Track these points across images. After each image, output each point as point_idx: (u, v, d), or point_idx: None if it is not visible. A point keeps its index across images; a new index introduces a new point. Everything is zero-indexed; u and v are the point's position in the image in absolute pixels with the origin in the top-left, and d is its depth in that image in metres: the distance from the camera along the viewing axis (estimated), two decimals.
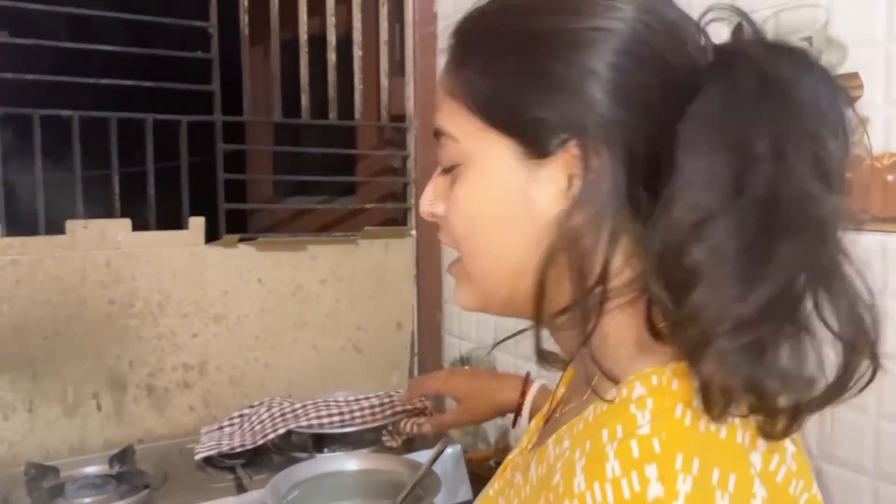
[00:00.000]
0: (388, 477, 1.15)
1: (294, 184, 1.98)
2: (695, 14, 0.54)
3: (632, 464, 0.44)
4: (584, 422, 0.52)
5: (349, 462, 1.17)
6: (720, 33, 0.54)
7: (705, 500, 0.42)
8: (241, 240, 1.57)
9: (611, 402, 0.49)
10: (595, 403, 0.51)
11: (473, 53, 0.55)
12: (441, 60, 1.70)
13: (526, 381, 1.13)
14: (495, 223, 0.55)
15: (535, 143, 0.52)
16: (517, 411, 1.11)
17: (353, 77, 1.69)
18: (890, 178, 0.83)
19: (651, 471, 0.43)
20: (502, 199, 0.54)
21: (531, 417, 1.04)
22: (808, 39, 0.91)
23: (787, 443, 0.49)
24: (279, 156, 1.99)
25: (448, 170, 0.57)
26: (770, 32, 0.89)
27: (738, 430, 0.46)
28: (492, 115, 0.53)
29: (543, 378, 1.12)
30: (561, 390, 0.70)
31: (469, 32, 0.56)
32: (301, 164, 1.97)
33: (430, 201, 0.60)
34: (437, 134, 0.57)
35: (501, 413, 1.16)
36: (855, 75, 0.86)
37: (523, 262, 0.54)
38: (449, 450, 1.35)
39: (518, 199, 0.53)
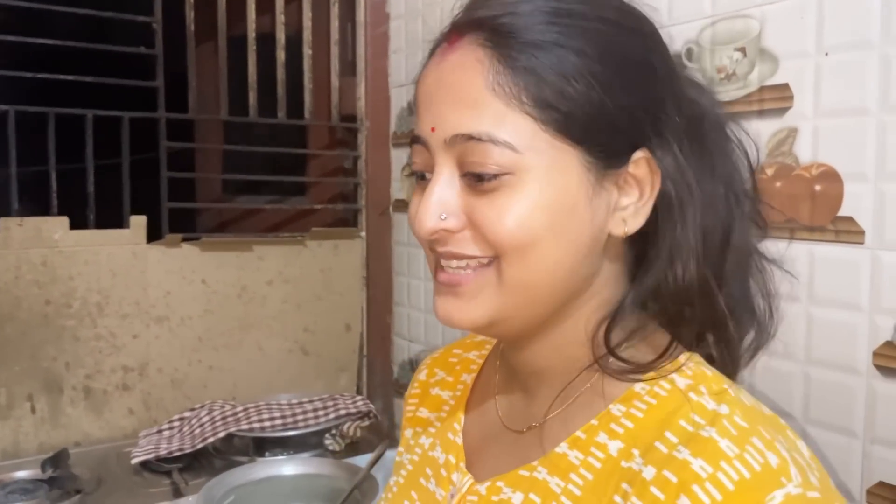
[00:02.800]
0: (327, 482, 1.14)
1: (244, 183, 1.95)
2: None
3: (739, 439, 0.48)
4: (628, 419, 0.53)
5: (287, 467, 1.15)
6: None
7: (794, 459, 0.48)
8: (185, 239, 1.54)
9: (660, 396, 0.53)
10: (622, 402, 0.54)
11: (532, 54, 0.50)
12: (397, 60, 1.69)
13: None
14: (555, 233, 0.52)
15: (608, 154, 0.53)
16: None
17: (303, 76, 1.68)
18: (818, 187, 0.84)
19: (757, 442, 0.48)
20: (566, 208, 0.52)
21: None
22: (742, 49, 0.92)
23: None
24: (230, 155, 1.96)
25: (478, 177, 0.52)
26: (708, 42, 0.90)
27: (759, 403, 0.54)
28: (562, 124, 0.51)
29: None
30: (424, 412, 0.72)
31: (520, 27, 0.51)
32: (252, 163, 1.94)
33: (439, 216, 0.53)
34: (462, 139, 0.52)
35: None
36: (785, 86, 0.87)
37: (573, 271, 0.54)
38: (389, 453, 1.35)
39: (583, 209, 0.53)
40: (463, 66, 0.52)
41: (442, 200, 0.54)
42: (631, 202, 0.55)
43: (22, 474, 1.25)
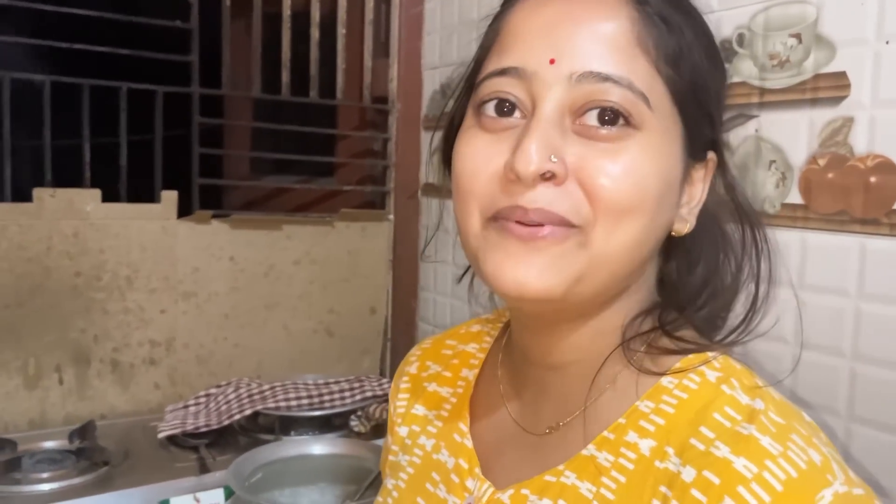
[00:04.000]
0: (354, 462, 1.13)
1: (272, 162, 1.94)
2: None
3: (780, 436, 0.46)
4: (658, 414, 0.50)
5: (315, 446, 1.15)
6: None
7: (832, 448, 0.47)
8: (215, 216, 1.53)
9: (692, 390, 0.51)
10: (650, 397, 0.51)
11: (671, 21, 0.50)
12: (431, 42, 1.67)
13: None
14: (657, 207, 0.49)
15: (697, 142, 0.53)
16: None
17: (336, 55, 1.66)
18: (873, 179, 0.82)
19: (798, 440, 0.46)
20: (670, 183, 0.50)
21: None
22: (797, 36, 0.90)
23: None
24: (258, 134, 1.96)
25: (606, 119, 0.48)
26: (760, 27, 0.88)
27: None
28: (683, 95, 0.50)
29: None
30: (443, 391, 0.68)
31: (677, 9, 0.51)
32: (280, 142, 1.93)
33: (548, 156, 0.47)
34: (593, 77, 0.47)
35: None
36: (842, 74, 0.85)
37: (646, 255, 0.53)
38: None
39: (676, 189, 0.52)
40: (605, 4, 0.49)
41: (550, 141, 0.47)
42: (686, 203, 0.54)
43: (49, 444, 1.26)
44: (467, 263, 0.56)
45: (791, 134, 0.91)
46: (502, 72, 0.50)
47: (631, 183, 0.47)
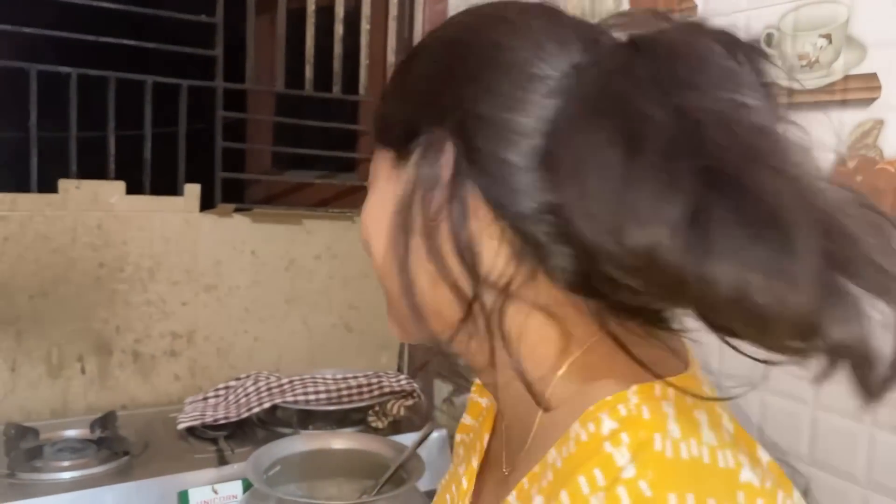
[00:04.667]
0: (373, 458, 1.13)
1: (293, 157, 1.95)
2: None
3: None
4: (552, 470, 0.45)
5: (333, 440, 1.15)
6: None
7: None
8: (237, 210, 1.54)
9: (581, 442, 0.43)
10: (557, 446, 0.45)
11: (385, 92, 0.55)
12: None
13: None
14: (377, 231, 0.53)
15: (400, 148, 0.50)
16: None
17: (360, 51, 1.66)
18: None
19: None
20: (381, 205, 0.52)
21: None
22: (827, 36, 0.89)
23: (760, 452, 0.45)
24: (280, 129, 1.96)
25: None
26: (790, 28, 0.87)
27: (719, 452, 0.42)
28: (379, 134, 0.53)
29: None
30: (483, 402, 0.65)
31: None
32: (302, 137, 1.94)
33: None
34: None
35: None
36: (873, 76, 0.84)
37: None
38: (435, 434, 1.34)
39: (388, 202, 0.51)
40: None
41: None
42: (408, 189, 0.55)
43: (71, 433, 1.27)
44: None
45: (819, 136, 0.89)
46: None
47: (363, 230, 0.56)
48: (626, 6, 1.20)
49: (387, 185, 0.51)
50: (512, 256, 0.46)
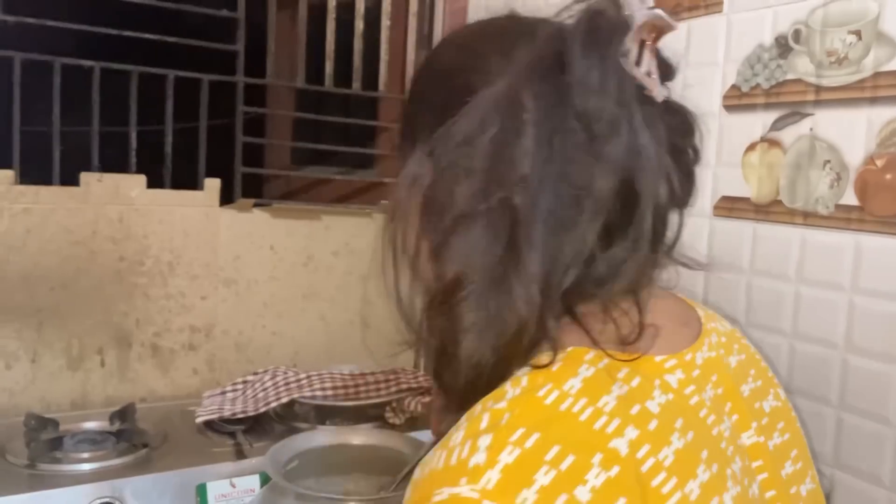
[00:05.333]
0: (391, 454, 1.13)
1: (312, 153, 1.95)
2: None
3: (473, 433, 0.44)
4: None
5: (352, 436, 1.15)
6: None
7: (524, 472, 0.42)
8: (256, 205, 1.55)
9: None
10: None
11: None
12: None
13: None
14: None
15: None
16: None
17: (380, 47, 1.66)
18: None
19: (484, 441, 0.44)
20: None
21: None
22: (857, 33, 0.87)
23: (672, 437, 0.47)
24: (299, 124, 1.96)
25: None
26: (819, 23, 0.86)
27: (604, 417, 0.45)
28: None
29: None
30: None
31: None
32: (321, 133, 1.94)
33: None
34: None
35: None
36: None
37: None
38: None
39: None
40: None
41: None
42: None
43: (90, 425, 1.28)
44: None
45: (847, 133, 0.88)
46: None
47: None
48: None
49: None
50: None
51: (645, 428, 0.46)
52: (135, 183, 1.42)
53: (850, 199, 0.88)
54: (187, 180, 1.49)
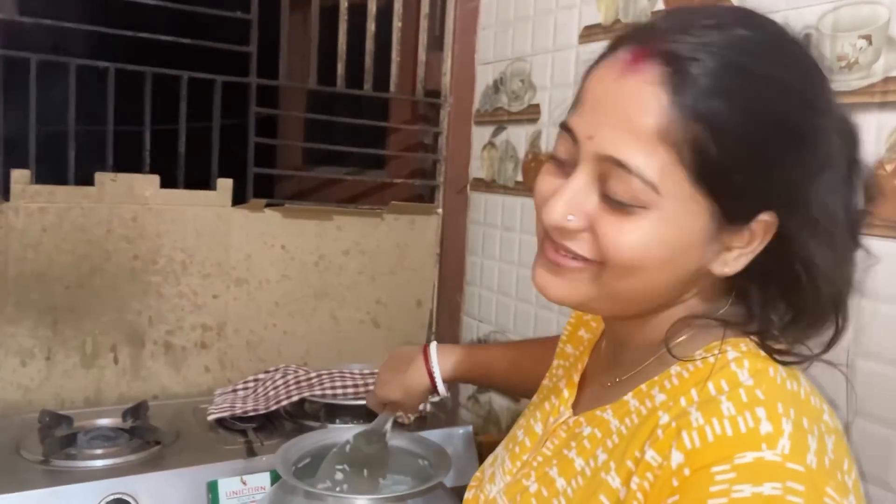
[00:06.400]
0: (401, 454, 1.14)
1: (323, 154, 1.96)
2: None
3: (744, 406, 0.53)
4: (678, 378, 0.60)
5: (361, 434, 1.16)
6: None
7: (801, 439, 0.52)
8: (268, 205, 1.56)
9: (707, 362, 0.58)
10: (680, 364, 0.60)
11: (703, 107, 0.53)
12: (485, 37, 1.67)
13: (426, 355, 1.06)
14: (665, 266, 0.58)
15: (735, 212, 0.56)
16: (433, 388, 1.05)
17: (391, 49, 1.67)
18: None
19: (761, 412, 0.53)
20: (682, 248, 0.57)
21: (449, 383, 1.06)
22: (867, 37, 0.88)
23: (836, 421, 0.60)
24: (310, 125, 1.98)
25: (612, 200, 0.57)
26: (829, 28, 0.86)
27: (812, 397, 0.59)
28: (706, 176, 0.54)
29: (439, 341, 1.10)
30: (585, 336, 0.81)
31: (700, 76, 0.53)
32: (332, 134, 1.95)
33: (566, 215, 0.59)
34: (612, 162, 0.56)
35: (428, 393, 1.07)
36: None
37: (665, 294, 0.61)
38: (460, 430, 1.35)
39: (697, 250, 0.58)
40: (639, 95, 0.54)
41: (575, 202, 0.58)
42: (738, 247, 0.58)
43: (103, 422, 1.29)
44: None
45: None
46: (565, 126, 0.60)
47: (630, 250, 0.57)
48: (660, 6, 1.19)
49: (697, 232, 0.57)
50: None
51: (828, 407, 0.59)
52: (148, 183, 1.44)
53: (860, 203, 0.88)
54: (200, 180, 1.50)
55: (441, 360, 1.06)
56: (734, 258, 0.59)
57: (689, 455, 0.52)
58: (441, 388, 1.05)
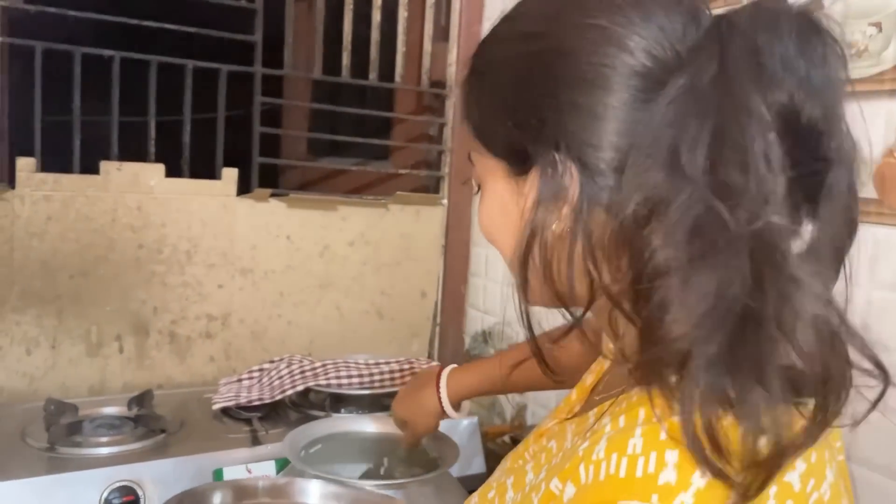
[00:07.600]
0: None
1: (328, 144, 1.96)
2: None
3: (655, 445, 0.43)
4: (627, 401, 0.50)
5: (370, 424, 1.16)
6: None
7: (714, 500, 0.41)
8: (273, 195, 1.56)
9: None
10: (642, 387, 0.49)
11: (473, 84, 0.59)
12: (486, 28, 1.66)
13: (438, 378, 1.04)
14: (504, 231, 0.58)
15: (517, 164, 0.56)
16: (442, 410, 1.03)
17: (397, 39, 1.67)
18: None
19: (672, 456, 0.42)
20: (502, 211, 0.58)
21: (459, 403, 1.03)
22: (877, 24, 0.87)
23: (827, 471, 0.48)
24: (315, 115, 1.97)
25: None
26: (839, 15, 0.85)
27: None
28: (485, 142, 0.58)
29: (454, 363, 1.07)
30: (605, 363, 0.71)
31: (474, 61, 0.60)
32: (337, 124, 1.95)
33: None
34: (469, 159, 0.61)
35: (441, 416, 1.05)
36: None
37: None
38: (465, 421, 1.35)
39: (512, 209, 0.56)
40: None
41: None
42: (533, 201, 0.54)
43: (109, 410, 1.30)
44: None
45: (866, 126, 0.88)
46: None
47: (484, 227, 0.60)
48: None
49: (505, 193, 0.57)
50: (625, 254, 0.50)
51: (809, 461, 0.46)
52: (153, 172, 1.44)
53: (869, 192, 0.87)
54: (205, 170, 1.50)
55: (452, 381, 1.03)
56: (556, 215, 0.53)
57: (579, 490, 0.46)
58: (449, 410, 1.02)
